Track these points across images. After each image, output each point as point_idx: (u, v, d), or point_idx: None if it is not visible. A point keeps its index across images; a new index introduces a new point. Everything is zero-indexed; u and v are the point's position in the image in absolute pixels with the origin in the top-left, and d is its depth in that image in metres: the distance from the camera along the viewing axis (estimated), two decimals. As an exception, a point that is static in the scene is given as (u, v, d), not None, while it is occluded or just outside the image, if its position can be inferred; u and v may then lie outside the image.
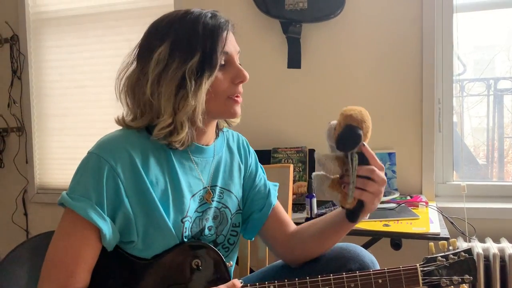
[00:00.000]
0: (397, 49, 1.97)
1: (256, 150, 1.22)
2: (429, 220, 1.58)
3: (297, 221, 1.61)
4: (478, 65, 2.10)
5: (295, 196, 1.87)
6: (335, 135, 0.93)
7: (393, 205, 1.73)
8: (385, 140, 1.99)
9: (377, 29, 1.99)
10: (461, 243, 1.75)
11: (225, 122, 1.09)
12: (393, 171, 1.95)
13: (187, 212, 0.96)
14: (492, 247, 1.68)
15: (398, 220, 1.57)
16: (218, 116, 1.00)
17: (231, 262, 1.06)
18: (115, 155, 0.89)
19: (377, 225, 1.53)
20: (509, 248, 1.67)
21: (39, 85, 2.56)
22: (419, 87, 1.95)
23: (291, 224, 1.15)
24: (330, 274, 0.96)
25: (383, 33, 1.99)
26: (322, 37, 2.06)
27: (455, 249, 0.99)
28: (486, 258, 1.66)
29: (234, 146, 1.12)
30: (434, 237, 1.41)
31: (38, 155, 2.58)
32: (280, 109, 2.13)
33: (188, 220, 0.96)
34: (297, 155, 1.95)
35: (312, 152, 1.96)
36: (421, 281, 0.95)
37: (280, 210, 1.15)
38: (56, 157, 2.56)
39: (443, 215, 1.70)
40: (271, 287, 0.95)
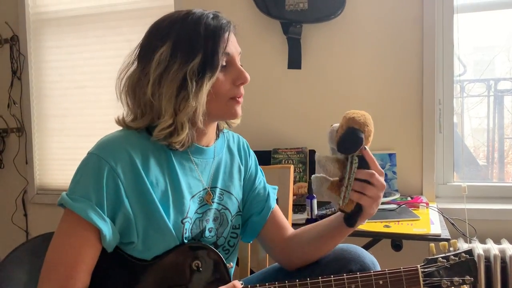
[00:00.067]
0: (397, 50, 1.97)
1: (256, 151, 1.21)
2: (429, 221, 1.58)
3: (298, 222, 1.63)
4: (478, 66, 2.10)
5: (295, 197, 1.87)
6: (337, 137, 0.92)
7: (393, 206, 1.73)
8: (385, 140, 1.98)
9: (377, 30, 1.99)
10: (462, 244, 1.74)
11: (225, 123, 1.08)
12: (394, 172, 1.95)
13: (187, 213, 0.96)
14: (493, 248, 1.68)
15: (398, 221, 1.57)
16: (219, 117, 1.00)
17: (231, 263, 1.06)
18: (115, 155, 0.88)
19: (378, 226, 1.53)
20: (509, 249, 1.67)
21: (39, 86, 2.56)
22: (419, 88, 1.95)
23: (289, 228, 1.15)
24: (330, 275, 0.96)
25: (383, 33, 1.99)
26: (323, 37, 2.05)
27: (455, 250, 0.99)
28: (487, 259, 1.66)
29: (234, 148, 1.12)
30: (435, 238, 1.41)
31: (38, 156, 2.58)
32: (280, 110, 2.13)
33: (188, 221, 0.96)
34: (298, 155, 1.95)
35: (312, 153, 1.95)
36: (422, 282, 0.95)
37: (278, 213, 1.14)
38: (56, 158, 2.56)
39: (443, 216, 1.69)
40: (272, 288, 0.95)
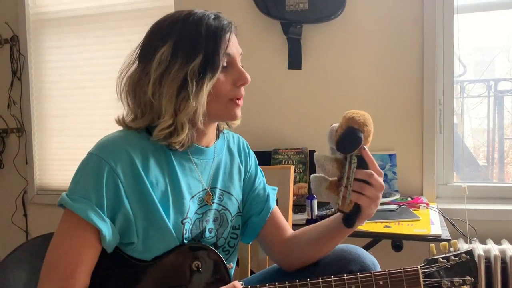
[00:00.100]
0: (397, 50, 1.97)
1: (256, 151, 1.21)
2: (430, 221, 1.58)
3: (298, 222, 1.63)
4: (478, 66, 2.09)
5: (295, 197, 1.87)
6: (336, 136, 0.92)
7: (394, 206, 1.73)
8: (385, 141, 1.98)
9: (377, 30, 1.99)
10: (462, 245, 1.74)
11: (225, 124, 1.08)
12: (394, 172, 1.94)
13: (187, 213, 0.96)
14: (493, 249, 1.68)
15: (399, 222, 1.57)
16: (218, 118, 1.00)
17: (231, 264, 1.05)
18: (115, 156, 0.88)
19: (378, 226, 1.52)
20: (510, 250, 1.67)
21: (39, 86, 2.56)
22: (419, 88, 1.95)
23: (288, 229, 1.15)
24: (331, 276, 0.96)
25: (383, 34, 1.98)
26: (323, 38, 2.05)
27: (456, 251, 0.99)
28: (487, 260, 1.66)
29: (234, 148, 1.12)
30: (435, 239, 1.41)
31: (38, 156, 2.58)
32: (280, 110, 2.13)
33: (188, 221, 0.96)
34: (298, 156, 1.95)
35: (312, 153, 1.94)
36: (422, 283, 0.95)
37: (278, 214, 1.14)
38: (56, 158, 2.56)
39: (444, 216, 1.69)
40: (272, 289, 0.95)
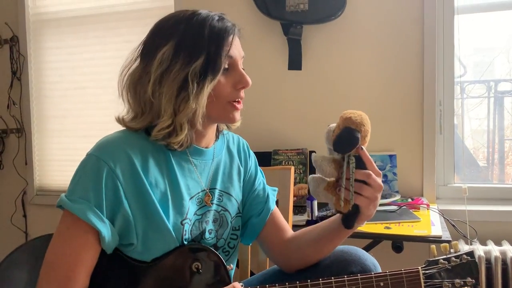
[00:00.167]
0: (398, 51, 1.97)
1: (256, 152, 1.21)
2: (430, 222, 1.57)
3: (298, 223, 1.62)
4: (478, 67, 2.09)
5: (295, 198, 1.87)
6: (333, 136, 0.92)
7: (394, 207, 1.73)
8: (386, 142, 1.98)
9: (378, 31, 1.99)
10: (463, 246, 1.74)
11: (225, 125, 1.08)
12: (394, 173, 1.94)
13: (186, 214, 0.95)
14: (494, 250, 1.67)
15: (399, 223, 1.56)
16: (217, 120, 1.00)
17: (231, 265, 1.05)
18: (114, 156, 0.88)
19: (378, 227, 1.52)
20: (510, 251, 1.66)
21: (39, 86, 2.55)
22: (420, 89, 1.95)
23: (288, 230, 1.14)
24: (331, 277, 0.95)
25: (384, 34, 1.98)
26: (323, 38, 2.05)
27: (457, 252, 0.98)
28: (488, 261, 1.65)
29: (234, 149, 1.11)
30: (436, 240, 1.40)
31: (38, 157, 2.58)
32: (280, 111, 2.12)
33: (188, 222, 0.96)
34: (298, 157, 1.95)
35: (313, 153, 1.95)
36: (423, 284, 0.95)
37: (278, 215, 1.14)
38: (56, 159, 2.55)
39: (444, 217, 1.69)
40: (272, 290, 0.95)
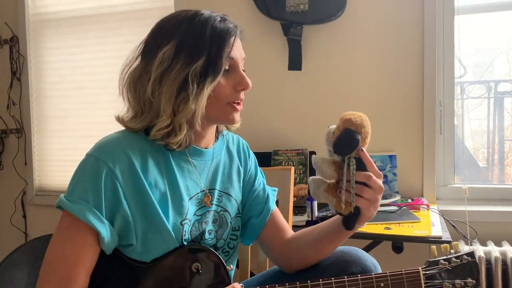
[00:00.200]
0: (398, 51, 1.97)
1: (256, 152, 1.21)
2: (430, 223, 1.57)
3: (298, 224, 1.62)
4: (478, 67, 2.09)
5: (295, 198, 1.86)
6: (333, 138, 0.92)
7: (394, 208, 1.72)
8: (386, 142, 1.98)
9: (378, 31, 1.99)
10: (463, 247, 1.74)
11: (224, 126, 1.08)
12: (394, 174, 1.94)
13: (186, 215, 0.95)
14: (494, 251, 1.67)
15: (399, 223, 1.56)
16: (216, 121, 0.99)
17: (231, 265, 1.05)
18: (113, 157, 0.88)
19: (379, 228, 1.52)
20: (510, 252, 1.66)
21: (39, 87, 2.55)
22: (420, 89, 1.95)
23: (289, 230, 1.14)
24: (331, 278, 0.95)
25: (384, 35, 1.98)
26: (323, 39, 2.05)
27: (457, 252, 0.98)
28: (488, 262, 1.65)
29: (233, 149, 1.11)
30: (436, 241, 1.40)
31: (37, 157, 2.57)
32: (280, 111, 2.12)
33: (187, 223, 0.96)
34: (298, 157, 1.95)
35: (312, 155, 1.95)
36: (423, 285, 0.95)
37: (278, 215, 1.14)
38: (56, 159, 2.55)
39: (444, 218, 1.69)
40: (272, 291, 0.94)
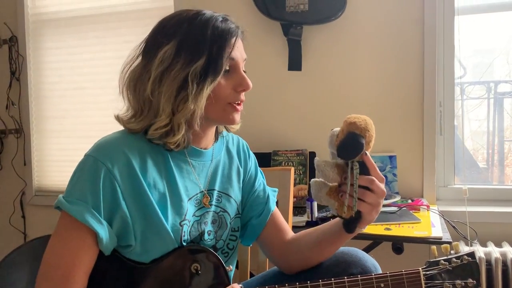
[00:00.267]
0: (398, 52, 1.96)
1: (256, 153, 1.20)
2: (430, 224, 1.57)
3: (298, 224, 1.62)
4: (478, 68, 2.09)
5: (295, 199, 1.86)
6: (337, 141, 0.91)
7: (394, 208, 1.72)
8: (386, 143, 1.97)
9: (378, 31, 1.99)
10: (463, 247, 1.73)
11: (224, 127, 1.07)
12: (394, 174, 1.94)
13: (185, 215, 0.95)
14: (494, 251, 1.66)
15: (399, 224, 1.56)
16: (216, 122, 0.99)
17: (230, 266, 1.04)
18: (112, 157, 0.87)
19: (379, 228, 1.51)
20: (511, 252, 1.66)
21: (38, 87, 2.55)
22: (420, 90, 1.94)
23: (289, 231, 1.13)
24: (331, 278, 0.95)
25: (384, 35, 1.98)
26: (323, 39, 2.05)
27: (458, 253, 0.98)
28: (488, 263, 1.64)
29: (233, 150, 1.11)
30: (436, 241, 1.39)
31: (36, 157, 2.57)
32: (280, 112, 2.12)
33: (187, 223, 0.95)
34: (298, 158, 1.94)
35: (312, 155, 1.94)
36: (423, 285, 0.94)
37: (278, 216, 1.13)
38: (55, 159, 2.55)
39: (444, 218, 1.68)
40: (272, 291, 0.94)
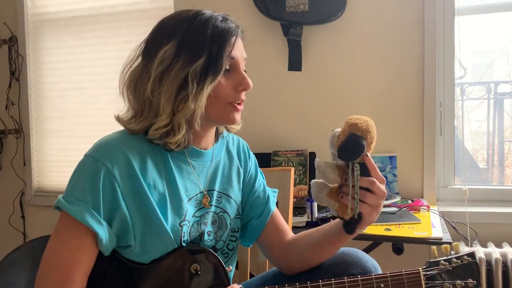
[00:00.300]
0: (398, 52, 1.96)
1: (256, 153, 1.20)
2: (431, 224, 1.56)
3: (298, 224, 1.62)
4: (477, 69, 2.08)
5: (295, 199, 1.86)
6: (338, 143, 0.91)
7: (394, 209, 1.72)
8: (386, 143, 1.97)
9: (378, 32, 1.98)
10: (463, 248, 1.73)
11: (224, 127, 1.07)
12: (394, 175, 1.93)
13: (185, 216, 0.94)
14: (494, 252, 1.66)
15: (399, 224, 1.56)
16: (216, 122, 0.98)
17: (230, 266, 1.04)
18: (112, 157, 0.87)
19: (379, 229, 1.51)
20: (511, 253, 1.66)
21: (38, 87, 2.55)
22: (420, 90, 1.94)
23: (289, 232, 1.13)
24: (331, 279, 0.95)
25: (384, 35, 1.98)
26: (323, 39, 2.05)
27: (458, 253, 0.98)
28: (488, 263, 1.64)
29: (233, 150, 1.10)
30: (436, 242, 1.39)
31: (36, 157, 2.57)
32: (280, 112, 2.12)
33: (186, 224, 0.95)
34: (298, 158, 1.94)
35: (312, 155, 1.94)
36: (423, 286, 0.94)
37: (278, 217, 1.13)
38: (54, 160, 2.55)
39: (444, 219, 1.68)
40: (272, 292, 0.94)
